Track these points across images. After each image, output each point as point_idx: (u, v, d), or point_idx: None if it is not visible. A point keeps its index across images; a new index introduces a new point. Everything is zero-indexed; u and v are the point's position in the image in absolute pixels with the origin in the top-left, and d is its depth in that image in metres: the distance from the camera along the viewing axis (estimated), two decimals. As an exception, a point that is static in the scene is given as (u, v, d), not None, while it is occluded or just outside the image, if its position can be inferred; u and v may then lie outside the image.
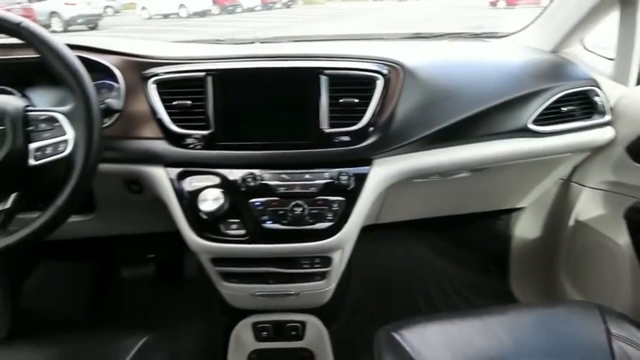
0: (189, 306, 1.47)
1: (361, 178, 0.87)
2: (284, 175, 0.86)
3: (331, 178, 0.86)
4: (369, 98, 0.86)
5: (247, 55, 0.93)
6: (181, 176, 0.87)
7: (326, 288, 1.01)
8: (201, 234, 0.86)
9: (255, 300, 1.02)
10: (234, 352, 1.19)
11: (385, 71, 0.86)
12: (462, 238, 1.58)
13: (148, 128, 0.87)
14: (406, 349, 0.76)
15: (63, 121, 0.69)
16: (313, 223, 0.85)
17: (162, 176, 0.87)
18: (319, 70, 0.85)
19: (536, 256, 1.42)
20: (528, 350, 0.75)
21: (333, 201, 0.86)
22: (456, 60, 1.07)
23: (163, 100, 0.86)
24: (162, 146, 0.86)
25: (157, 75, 0.86)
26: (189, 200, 0.85)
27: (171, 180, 0.87)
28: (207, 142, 0.85)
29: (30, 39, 0.69)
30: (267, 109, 0.86)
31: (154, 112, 0.86)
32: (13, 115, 0.68)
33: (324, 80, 0.85)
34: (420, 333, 0.81)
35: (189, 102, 0.85)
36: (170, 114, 0.85)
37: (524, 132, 0.97)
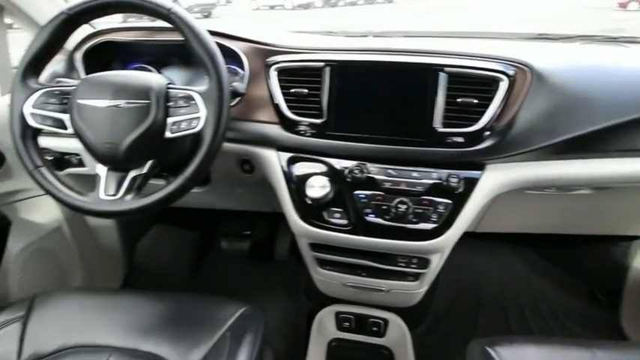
0: (277, 286, 1.54)
1: (471, 183, 0.84)
2: (391, 171, 0.86)
3: (439, 179, 0.84)
4: (490, 100, 0.81)
5: (364, 48, 0.94)
6: (291, 161, 0.91)
7: (417, 290, 0.99)
8: (305, 218, 0.89)
9: (346, 290, 1.04)
10: (316, 337, 1.22)
11: (511, 72, 0.81)
12: (569, 260, 1.44)
13: (265, 113, 0.92)
14: None
15: (198, 99, 0.75)
16: (416, 223, 0.84)
17: (273, 159, 0.92)
18: (439, 67, 0.83)
19: None
20: None
21: (439, 203, 0.83)
22: (590, 65, 0.97)
23: (282, 87, 0.90)
24: (276, 131, 0.91)
25: (278, 63, 0.90)
26: (296, 185, 0.89)
27: (282, 164, 0.91)
28: (319, 131, 0.88)
29: (178, 24, 0.76)
30: (380, 102, 0.86)
31: (272, 97, 0.90)
32: (157, 91, 0.75)
33: (442, 78, 0.82)
34: (518, 353, 0.76)
35: (305, 90, 0.88)
36: (287, 100, 0.89)
37: None
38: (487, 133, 0.81)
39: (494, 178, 0.85)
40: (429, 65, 0.84)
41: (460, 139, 0.82)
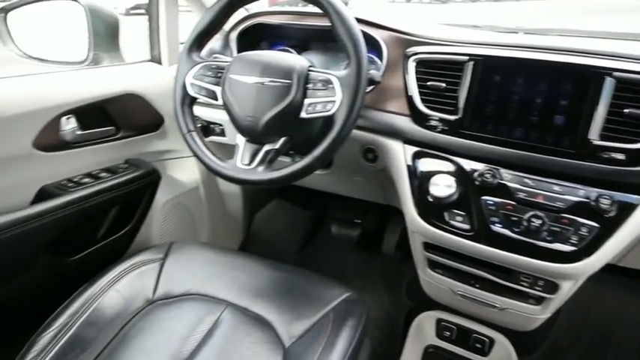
0: (378, 279, 1.53)
1: (627, 208, 0.72)
2: (527, 180, 0.78)
3: (587, 198, 0.74)
4: None
5: (515, 43, 0.86)
6: (417, 155, 0.88)
7: (538, 315, 0.90)
8: (424, 216, 0.86)
9: (454, 298, 0.99)
10: (413, 339, 1.19)
11: None
12: None
13: (396, 103, 0.91)
14: None
15: (336, 83, 0.77)
16: (551, 242, 0.75)
17: (399, 151, 0.90)
18: (606, 71, 0.72)
19: None
20: None
21: (583, 224, 0.73)
22: None
23: (418, 79, 0.87)
24: (405, 123, 0.89)
25: (418, 54, 0.88)
26: (419, 180, 0.86)
27: (407, 157, 0.89)
28: (451, 128, 0.84)
29: (327, 9, 0.78)
30: (525, 104, 0.78)
31: (406, 88, 0.88)
32: (299, 73, 0.79)
33: (608, 83, 0.71)
34: None
35: (443, 84, 0.84)
36: (421, 93, 0.87)
37: None
38: None
39: None
40: (593, 68, 0.73)
41: (620, 156, 0.71)
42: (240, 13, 1.16)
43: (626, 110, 0.70)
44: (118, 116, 1.15)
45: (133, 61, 1.27)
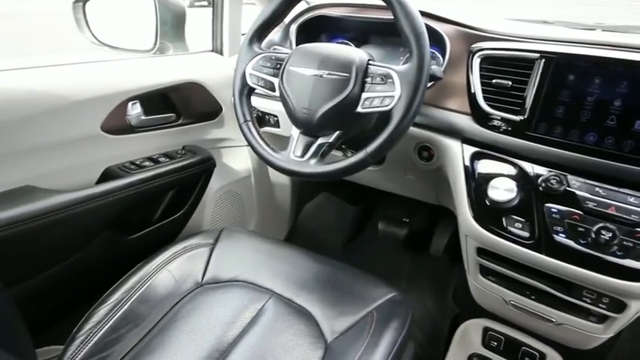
0: (424, 281, 1.50)
1: None
2: (598, 189, 0.72)
3: None
4: None
5: (591, 40, 0.79)
6: (476, 156, 0.84)
7: (600, 334, 0.83)
8: (479, 220, 0.82)
9: (505, 308, 0.94)
10: (457, 346, 1.15)
11: None
12: None
13: (457, 101, 0.87)
14: None
15: (395, 78, 0.75)
16: (622, 257, 0.69)
17: (457, 151, 0.87)
18: None
19: None
20: None
21: None
22: None
23: (482, 77, 0.83)
24: (465, 122, 0.85)
25: (484, 50, 0.84)
26: (477, 182, 0.82)
27: (465, 157, 0.85)
28: (516, 129, 0.79)
29: (391, 1, 0.76)
30: (601, 107, 0.72)
31: (469, 86, 0.84)
32: (358, 66, 0.77)
33: None
34: None
35: (509, 82, 0.80)
36: (484, 91, 0.82)
37: None
38: None
39: None
40: None
41: None
42: (300, 5, 1.16)
43: None
44: (179, 104, 1.19)
45: (195, 51, 1.31)
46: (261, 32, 0.90)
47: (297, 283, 0.89)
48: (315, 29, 1.14)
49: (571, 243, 0.73)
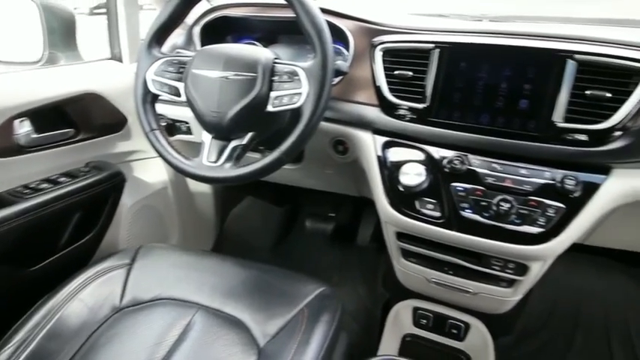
0: (355, 271, 1.53)
1: (591, 188, 0.74)
2: (496, 165, 0.79)
3: (552, 180, 0.75)
4: (627, 94, 0.70)
5: (478, 29, 0.86)
6: (387, 145, 0.88)
7: (510, 297, 0.91)
8: (395, 206, 0.86)
9: (428, 286, 0.99)
10: (390, 329, 1.19)
11: None
12: None
13: (364, 94, 0.90)
14: None
15: (302, 75, 0.75)
16: (519, 224, 0.76)
17: (368, 142, 0.90)
18: (567, 54, 0.73)
19: None
20: None
21: (550, 206, 0.75)
22: None
23: (385, 69, 0.86)
24: (374, 113, 0.88)
25: (384, 43, 0.87)
26: (390, 170, 0.86)
27: (377, 147, 0.88)
28: (420, 116, 0.83)
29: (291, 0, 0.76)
30: (491, 90, 0.79)
31: (374, 78, 0.87)
32: (264, 65, 0.77)
33: (570, 66, 0.73)
34: None
35: (410, 73, 0.84)
36: (389, 83, 0.86)
37: None
38: (618, 132, 0.71)
39: (619, 186, 0.74)
40: (555, 51, 0.74)
41: (583, 137, 0.72)
42: (203, 6, 1.13)
43: (587, 92, 0.72)
44: (77, 117, 1.09)
45: (91, 60, 1.22)
46: (159, 36, 0.86)
47: (224, 292, 0.86)
48: (220, 30, 1.12)
49: (476, 217, 0.79)
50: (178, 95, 0.82)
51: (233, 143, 0.80)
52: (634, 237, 1.00)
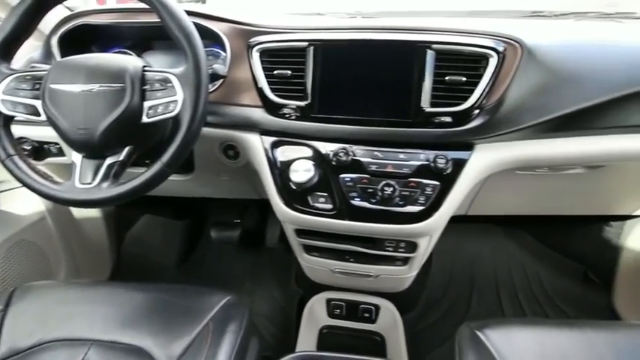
0: (267, 274, 1.53)
1: (460, 164, 0.81)
2: (377, 153, 0.84)
3: (427, 161, 0.81)
4: (479, 77, 0.78)
5: (350, 26, 0.90)
6: (275, 145, 0.88)
7: (407, 274, 0.98)
8: (289, 204, 0.87)
9: (334, 276, 1.02)
10: (306, 324, 1.21)
11: (500, 48, 0.78)
12: (562, 242, 1.43)
13: (248, 96, 0.89)
14: (491, 351, 0.71)
15: (175, 82, 0.72)
16: (403, 205, 0.82)
17: (257, 143, 0.89)
18: (426, 44, 0.80)
19: None
20: None
21: (427, 185, 0.81)
22: (582, 41, 0.94)
23: (265, 69, 0.86)
24: (259, 114, 0.88)
25: (261, 43, 0.87)
26: (280, 169, 0.86)
27: (265, 148, 0.88)
28: (303, 113, 0.85)
29: (153, 3, 0.73)
30: (365, 83, 0.83)
31: (255, 80, 0.87)
32: (132, 74, 0.72)
33: (430, 55, 0.79)
34: (508, 336, 0.74)
35: (289, 72, 0.85)
36: (270, 83, 0.86)
37: None
38: (476, 111, 0.79)
39: (483, 159, 0.83)
40: (416, 42, 0.80)
41: (448, 119, 0.80)
42: (61, 13, 1.02)
43: (447, 78, 0.79)
44: None
45: None
46: (5, 50, 0.77)
47: (120, 321, 0.80)
48: (83, 40, 1.02)
49: (365, 204, 0.83)
50: (37, 114, 0.75)
51: (109, 160, 0.75)
52: (507, 202, 1.14)
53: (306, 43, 0.84)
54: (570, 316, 1.33)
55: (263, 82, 0.86)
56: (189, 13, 0.81)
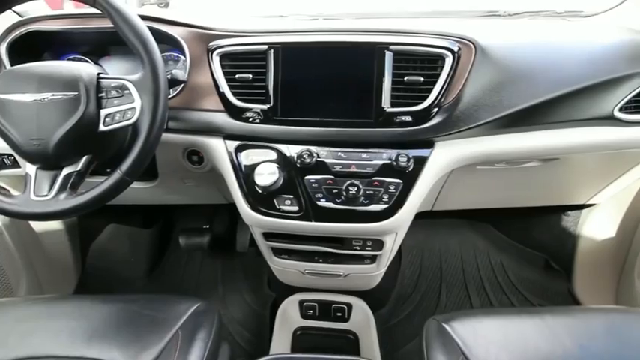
0: (239, 278, 1.51)
1: (421, 161, 0.83)
2: (341, 154, 0.84)
3: (389, 160, 0.83)
4: (436, 77, 0.81)
5: (310, 29, 0.91)
6: (239, 149, 0.87)
7: (375, 272, 0.99)
8: (255, 207, 0.86)
9: (304, 278, 1.03)
10: (280, 327, 1.21)
11: (455, 48, 0.81)
12: (523, 233, 1.49)
13: (210, 100, 0.88)
14: (457, 342, 0.73)
15: (132, 88, 0.71)
16: (368, 205, 0.83)
17: (221, 148, 0.88)
18: (384, 46, 0.81)
19: (606, 258, 1.31)
20: (595, 358, 0.69)
21: (390, 183, 0.83)
22: (533, 39, 0.98)
23: (225, 73, 0.86)
24: (222, 119, 0.87)
25: (221, 47, 0.86)
26: (245, 173, 0.86)
27: (230, 152, 0.88)
28: (266, 117, 0.85)
29: (105, 8, 0.71)
30: (326, 85, 0.84)
31: (216, 84, 0.86)
32: (87, 82, 0.71)
33: (388, 56, 0.81)
34: (473, 326, 0.77)
35: (250, 75, 0.84)
36: (231, 87, 0.86)
37: (608, 120, 0.88)
38: (435, 110, 0.81)
39: (443, 156, 0.85)
40: (374, 44, 0.82)
41: (408, 118, 0.81)
42: (9, 19, 0.98)
43: (405, 78, 0.81)
44: None
45: None
46: None
47: (85, 335, 0.77)
48: (35, 47, 0.99)
49: (330, 205, 0.84)
50: None
51: (66, 171, 0.73)
52: (470, 197, 1.17)
53: (266, 47, 0.84)
54: (534, 303, 1.39)
55: (224, 87, 0.85)
56: (146, 18, 0.80)
